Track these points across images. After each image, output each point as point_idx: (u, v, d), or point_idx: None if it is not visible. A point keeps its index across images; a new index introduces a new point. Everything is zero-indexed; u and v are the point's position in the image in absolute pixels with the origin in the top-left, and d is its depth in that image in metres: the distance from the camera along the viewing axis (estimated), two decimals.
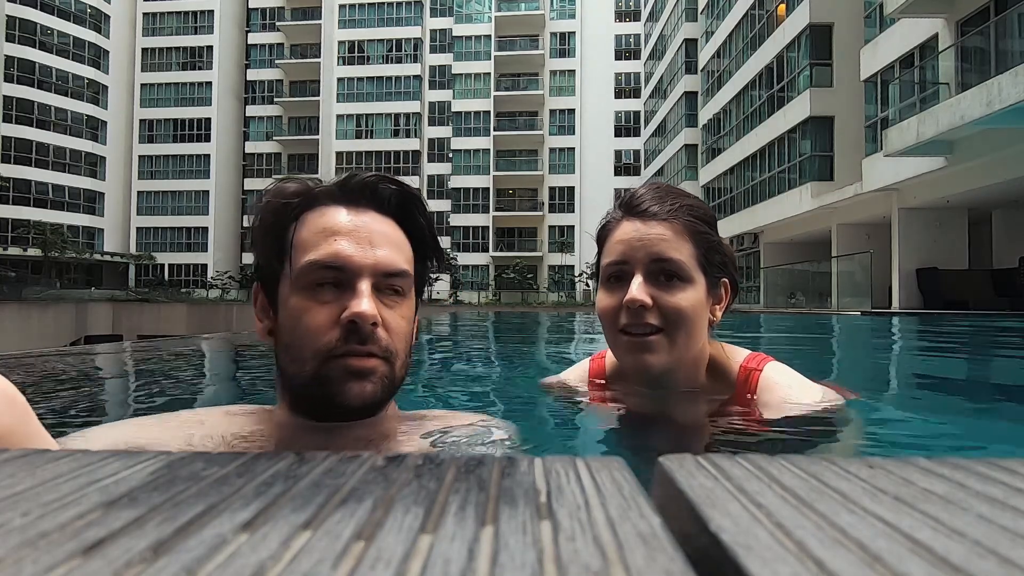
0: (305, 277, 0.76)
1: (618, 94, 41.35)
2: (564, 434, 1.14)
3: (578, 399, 1.24)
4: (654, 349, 0.99)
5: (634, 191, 1.07)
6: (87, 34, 38.16)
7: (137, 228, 41.53)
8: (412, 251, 0.84)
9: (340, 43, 41.14)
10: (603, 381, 1.22)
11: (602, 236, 1.09)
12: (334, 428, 0.79)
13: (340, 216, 0.79)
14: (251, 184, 42.25)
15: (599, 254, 1.10)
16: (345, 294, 0.76)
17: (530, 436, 0.95)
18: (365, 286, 0.75)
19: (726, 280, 1.07)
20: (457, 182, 40.20)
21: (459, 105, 40.58)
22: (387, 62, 40.91)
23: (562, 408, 1.26)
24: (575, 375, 1.29)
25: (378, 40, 41.02)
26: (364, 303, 0.74)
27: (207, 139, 41.41)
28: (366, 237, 0.77)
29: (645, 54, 38.39)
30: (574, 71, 40.88)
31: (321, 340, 0.74)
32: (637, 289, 0.98)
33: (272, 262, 0.80)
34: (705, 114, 26.41)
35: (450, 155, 40.70)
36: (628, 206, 1.05)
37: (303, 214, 0.79)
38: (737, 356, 1.08)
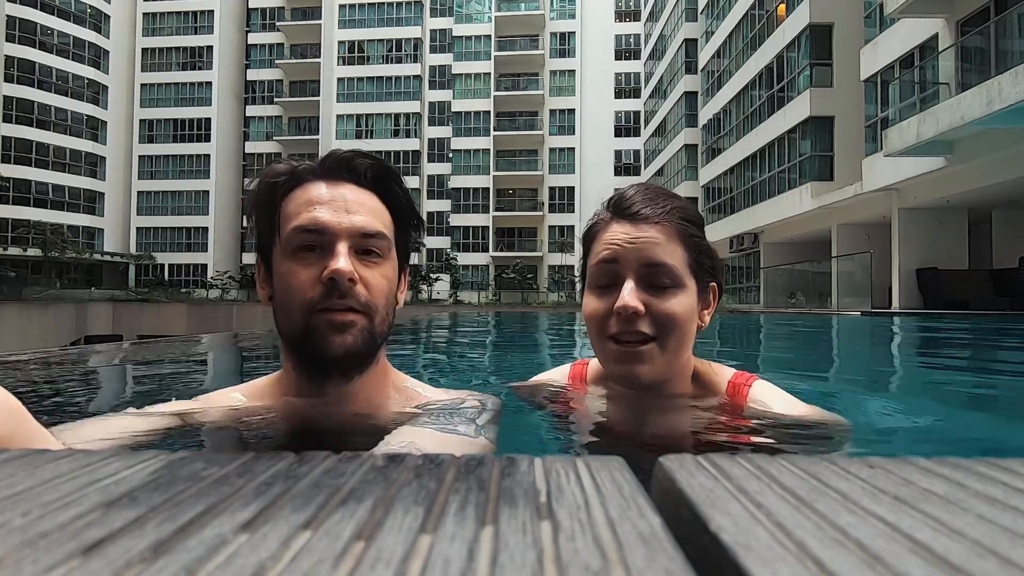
0: (290, 243, 0.85)
1: (618, 94, 41.32)
2: (542, 440, 1.08)
3: (556, 403, 1.15)
4: (645, 359, 0.94)
5: (623, 191, 1.02)
6: (87, 34, 38.14)
7: (137, 228, 41.50)
8: (393, 219, 0.93)
9: (340, 43, 41.11)
10: (584, 386, 1.15)
11: (589, 237, 1.03)
12: (331, 391, 0.88)
13: (320, 189, 0.88)
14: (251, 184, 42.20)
15: (585, 255, 1.04)
16: (326, 256, 0.84)
17: (503, 442, 0.92)
18: (343, 247, 0.84)
19: (714, 284, 1.03)
20: (457, 182, 40.18)
21: (459, 105, 40.55)
22: (387, 62, 40.88)
23: (539, 412, 1.17)
24: (553, 379, 1.21)
25: (378, 40, 40.99)
26: (341, 261, 0.82)
27: (207, 139, 41.39)
28: (342, 205, 0.86)
29: (645, 54, 38.35)
30: (574, 71, 40.85)
31: (306, 296, 0.83)
32: (630, 295, 0.92)
33: (265, 236, 0.90)
34: (705, 114, 26.39)
35: (450, 155, 40.67)
36: (617, 207, 1.00)
37: (290, 191, 0.89)
38: (725, 373, 1.06)
